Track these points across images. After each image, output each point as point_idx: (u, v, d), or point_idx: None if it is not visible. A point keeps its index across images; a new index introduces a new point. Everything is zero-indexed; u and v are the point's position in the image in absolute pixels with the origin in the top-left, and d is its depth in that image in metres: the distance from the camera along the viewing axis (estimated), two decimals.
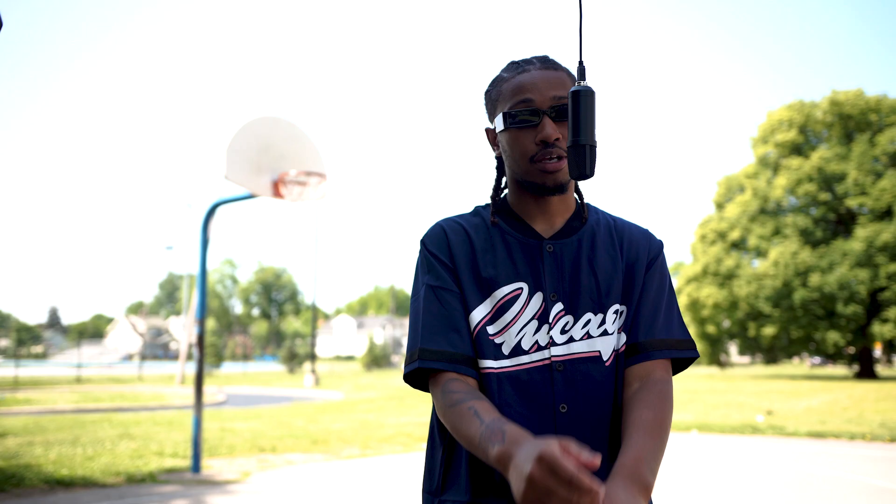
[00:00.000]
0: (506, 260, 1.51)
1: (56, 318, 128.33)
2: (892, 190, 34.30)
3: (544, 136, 1.45)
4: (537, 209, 1.55)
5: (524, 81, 1.50)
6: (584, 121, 1.30)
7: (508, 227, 1.55)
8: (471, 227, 1.56)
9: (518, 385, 1.45)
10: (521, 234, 1.54)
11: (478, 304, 1.49)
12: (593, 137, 1.31)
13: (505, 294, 1.49)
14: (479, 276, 1.50)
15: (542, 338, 1.47)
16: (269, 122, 8.18)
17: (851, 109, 37.11)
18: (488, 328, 1.48)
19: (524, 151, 1.49)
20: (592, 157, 1.31)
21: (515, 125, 1.49)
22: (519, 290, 1.49)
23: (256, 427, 12.95)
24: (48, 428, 12.53)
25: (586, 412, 1.45)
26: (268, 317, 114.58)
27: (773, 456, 9.66)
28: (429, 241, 1.55)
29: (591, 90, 1.31)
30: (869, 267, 34.02)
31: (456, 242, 1.53)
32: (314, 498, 7.14)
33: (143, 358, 77.73)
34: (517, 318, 1.48)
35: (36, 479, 7.47)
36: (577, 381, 1.46)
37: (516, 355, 1.46)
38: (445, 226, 1.57)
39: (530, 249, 1.52)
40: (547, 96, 1.48)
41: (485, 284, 1.50)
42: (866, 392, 23.36)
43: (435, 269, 1.52)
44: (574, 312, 1.49)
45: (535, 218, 1.55)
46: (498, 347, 1.47)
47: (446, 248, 1.53)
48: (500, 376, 1.46)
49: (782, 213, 39.00)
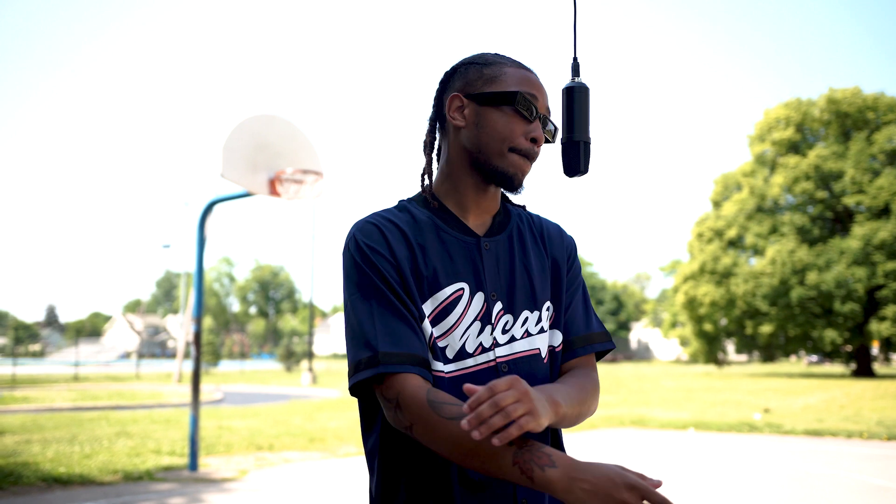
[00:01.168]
0: (444, 258, 1.45)
1: (53, 316, 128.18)
2: (889, 188, 34.35)
3: (536, 136, 1.44)
4: (475, 203, 1.50)
5: (533, 80, 1.47)
6: (578, 117, 1.30)
7: (442, 222, 1.48)
8: (403, 223, 1.47)
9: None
10: (457, 231, 1.48)
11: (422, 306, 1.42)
12: (587, 134, 1.31)
13: (448, 295, 1.43)
14: (419, 276, 1.43)
15: (485, 339, 1.44)
16: (265, 120, 8.17)
17: (849, 107, 37.14)
18: (433, 329, 1.42)
19: (507, 136, 1.43)
20: (587, 153, 1.31)
21: (521, 108, 1.43)
22: (461, 290, 1.44)
23: (254, 425, 12.95)
24: (46, 426, 12.52)
25: None
26: (265, 315, 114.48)
27: (771, 454, 9.68)
28: (364, 242, 1.43)
29: (585, 87, 1.32)
30: (866, 265, 34.07)
31: (394, 242, 1.43)
32: (311, 496, 7.15)
33: (141, 356, 77.64)
34: (461, 320, 1.43)
35: (33, 477, 7.47)
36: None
37: (461, 359, 1.42)
38: (378, 223, 1.45)
39: (468, 247, 1.48)
40: (545, 104, 1.47)
41: (426, 285, 1.43)
42: (863, 390, 23.39)
43: (375, 269, 1.40)
44: (513, 311, 1.48)
45: (468, 212, 1.50)
46: (442, 351, 1.41)
47: (385, 247, 1.42)
48: (449, 381, 1.40)
49: (779, 212, 39.05)
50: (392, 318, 1.38)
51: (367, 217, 1.48)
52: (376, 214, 1.49)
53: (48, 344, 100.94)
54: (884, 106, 36.94)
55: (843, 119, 37.91)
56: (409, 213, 1.49)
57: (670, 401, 18.74)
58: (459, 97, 1.48)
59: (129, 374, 39.62)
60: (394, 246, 1.43)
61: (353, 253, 1.43)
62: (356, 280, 1.42)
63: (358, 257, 1.42)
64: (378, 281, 1.40)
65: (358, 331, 1.39)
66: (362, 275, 1.41)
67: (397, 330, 1.37)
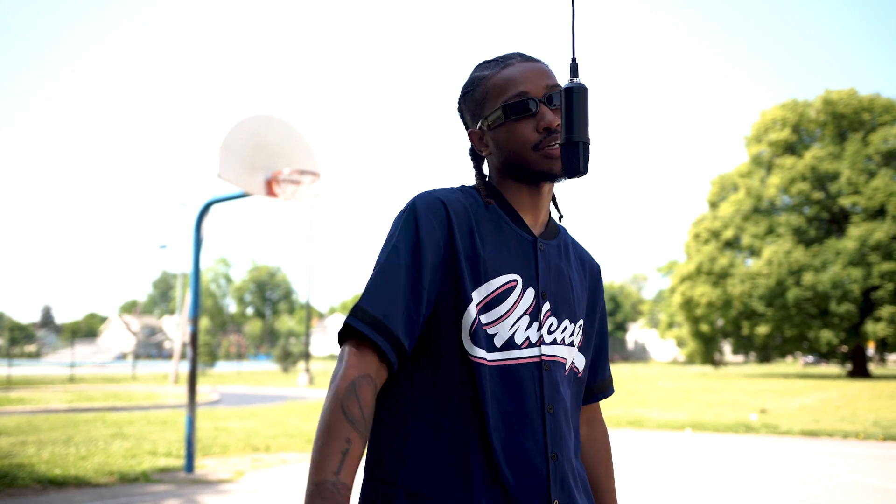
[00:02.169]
0: (502, 248, 1.45)
1: (49, 317, 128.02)
2: (884, 189, 34.44)
3: (547, 123, 1.43)
4: (529, 201, 1.50)
5: (514, 74, 1.47)
6: (577, 118, 1.29)
7: (505, 215, 1.49)
8: (469, 204, 1.46)
9: (508, 380, 1.40)
10: (516, 226, 1.49)
11: (472, 291, 1.40)
12: (587, 134, 1.30)
13: (500, 284, 1.42)
14: (475, 259, 1.41)
15: (533, 334, 1.44)
16: (262, 120, 8.16)
17: (845, 109, 37.24)
18: (481, 317, 1.40)
19: (525, 141, 1.44)
20: (586, 154, 1.30)
21: (514, 115, 1.44)
22: (514, 281, 1.44)
23: (250, 426, 12.93)
24: (41, 427, 12.49)
25: (564, 417, 1.46)
26: (262, 316, 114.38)
27: (767, 454, 9.69)
28: (424, 209, 1.41)
29: (584, 87, 1.31)
30: (862, 266, 34.15)
31: (456, 221, 1.42)
32: None
33: (137, 357, 77.60)
34: (512, 311, 1.42)
35: (29, 479, 7.45)
36: (558, 383, 1.46)
37: (508, 349, 1.41)
38: (444, 199, 1.43)
39: (525, 244, 1.48)
40: (540, 86, 1.45)
41: (480, 270, 1.41)
42: (859, 391, 23.44)
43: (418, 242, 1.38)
44: (557, 315, 1.48)
45: (525, 210, 1.51)
46: (490, 339, 1.40)
47: (445, 225, 1.41)
48: (492, 369, 1.39)
49: (776, 212, 39.14)
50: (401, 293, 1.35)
51: (434, 190, 1.47)
52: (443, 189, 1.48)
53: (44, 345, 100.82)
54: (879, 107, 37.06)
55: (839, 120, 38.02)
56: (472, 197, 1.48)
57: (667, 401, 18.76)
58: (476, 132, 1.53)
59: (126, 376, 39.55)
60: (456, 225, 1.41)
61: (408, 212, 1.42)
62: (398, 238, 1.39)
63: (408, 221, 1.40)
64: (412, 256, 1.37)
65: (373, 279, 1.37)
66: (404, 239, 1.39)
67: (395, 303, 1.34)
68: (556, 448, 1.41)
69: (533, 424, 1.39)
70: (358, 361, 1.30)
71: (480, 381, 1.37)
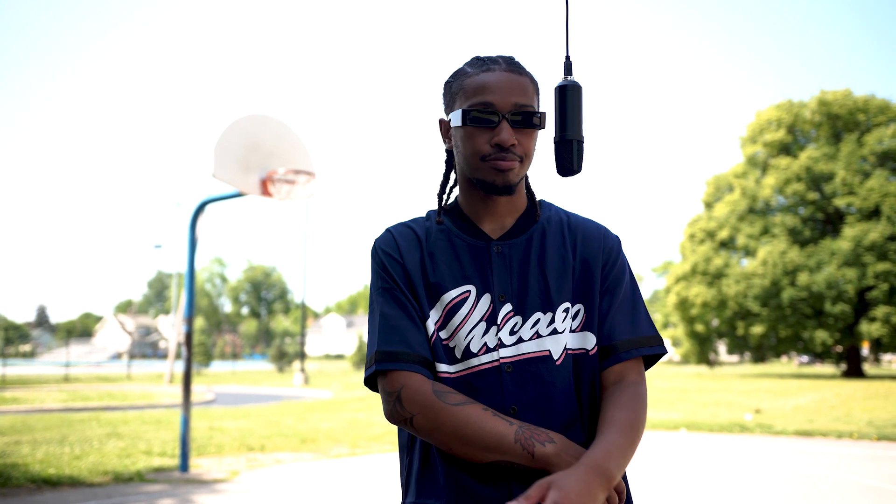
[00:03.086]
0: (453, 262, 1.52)
1: (44, 316, 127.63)
2: (879, 190, 34.51)
3: (500, 140, 1.44)
4: (485, 209, 1.54)
5: (487, 81, 1.47)
6: (570, 116, 1.29)
7: (456, 228, 1.56)
8: (421, 231, 1.57)
9: (469, 389, 1.46)
10: (468, 236, 1.54)
11: (430, 310, 1.50)
12: (580, 132, 1.30)
13: (453, 297, 1.50)
14: (427, 281, 1.51)
15: (490, 340, 1.48)
16: (257, 120, 8.15)
17: (840, 109, 37.31)
18: (441, 333, 1.49)
19: (476, 150, 1.47)
20: (580, 152, 1.31)
21: (473, 124, 1.47)
22: (466, 292, 1.50)
23: (245, 426, 12.91)
24: (35, 427, 12.46)
25: (536, 412, 1.46)
26: (257, 315, 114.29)
27: (762, 454, 9.70)
28: (381, 248, 1.56)
29: (577, 85, 1.31)
30: (857, 266, 34.21)
31: (406, 248, 1.54)
32: (303, 497, 7.13)
33: (132, 357, 77.35)
34: (465, 321, 1.48)
35: (23, 479, 7.42)
36: (527, 381, 1.46)
37: (466, 359, 1.48)
38: (395, 232, 1.58)
39: (478, 251, 1.53)
40: (508, 101, 1.46)
41: (433, 289, 1.51)
42: (854, 391, 23.49)
43: (388, 274, 1.53)
44: (523, 313, 1.49)
45: (482, 218, 1.55)
46: (451, 351, 1.49)
47: (397, 254, 1.54)
48: (455, 381, 1.47)
49: (771, 213, 39.18)
50: (401, 318, 1.48)
51: (392, 226, 1.60)
52: (400, 223, 1.61)
53: (38, 344, 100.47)
54: (874, 108, 37.12)
55: (834, 121, 38.09)
56: (429, 221, 1.59)
57: (662, 401, 18.78)
58: (443, 122, 1.60)
59: (120, 375, 39.48)
60: (405, 254, 1.54)
61: (372, 258, 1.58)
62: (374, 282, 1.56)
63: (375, 262, 1.56)
64: (390, 283, 1.52)
65: (371, 329, 1.52)
66: (377, 278, 1.55)
67: (403, 329, 1.47)
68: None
69: None
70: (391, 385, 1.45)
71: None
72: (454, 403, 1.39)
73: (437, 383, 1.44)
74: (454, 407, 1.39)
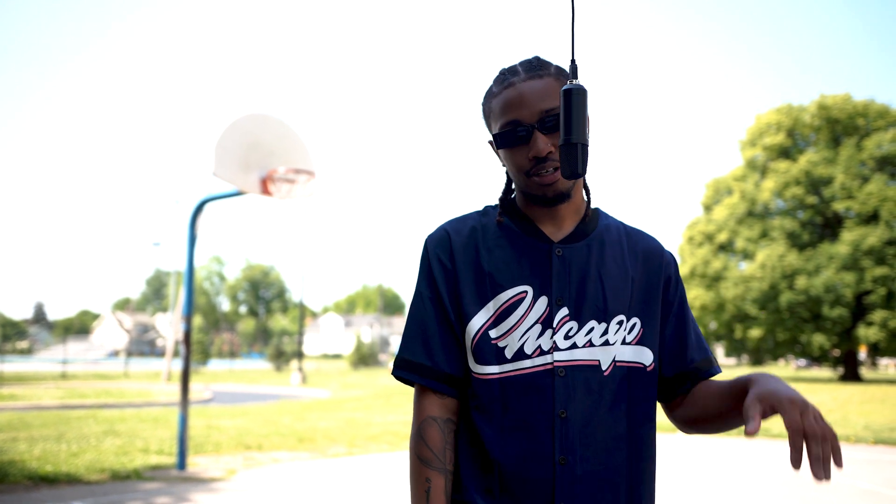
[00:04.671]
0: (511, 261, 1.50)
1: (42, 313, 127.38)
2: (878, 194, 34.53)
3: (536, 153, 1.44)
4: (546, 214, 1.53)
5: (510, 98, 1.47)
6: (575, 119, 1.29)
7: (517, 228, 1.53)
8: (479, 226, 1.55)
9: (519, 389, 1.44)
10: (529, 237, 1.52)
11: (479, 309, 1.48)
12: (585, 136, 1.30)
13: (509, 297, 1.47)
14: (482, 278, 1.49)
15: (545, 342, 1.45)
16: (257, 119, 8.16)
17: (839, 114, 37.33)
18: (490, 332, 1.47)
19: (519, 167, 1.48)
20: (584, 155, 1.30)
21: (507, 146, 1.48)
22: (523, 293, 1.47)
23: (243, 425, 12.91)
24: (33, 424, 12.45)
25: (582, 419, 1.44)
26: (255, 314, 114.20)
27: (759, 458, 9.71)
28: (431, 245, 1.55)
29: (583, 89, 1.30)
30: (855, 270, 34.23)
31: (459, 245, 1.52)
32: (300, 496, 7.13)
33: (130, 354, 77.18)
34: (521, 322, 1.46)
35: (20, 476, 7.42)
36: (576, 387, 1.45)
37: (519, 359, 1.45)
38: (450, 228, 1.55)
39: (538, 252, 1.50)
40: (535, 110, 1.45)
41: (488, 287, 1.48)
42: (851, 394, 23.51)
43: (431, 276, 1.52)
44: (578, 319, 1.47)
45: (543, 221, 1.53)
46: (501, 351, 1.46)
47: (448, 253, 1.52)
48: (503, 381, 1.45)
49: (769, 216, 39.20)
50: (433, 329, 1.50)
51: (447, 222, 1.58)
52: (455, 219, 1.59)
53: (36, 341, 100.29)
54: (874, 112, 37.15)
55: (833, 125, 38.11)
56: (489, 217, 1.57)
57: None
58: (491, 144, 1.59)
59: (118, 373, 39.45)
60: (457, 252, 1.52)
61: (422, 256, 1.57)
62: (419, 281, 1.55)
63: (423, 261, 1.56)
64: (433, 290, 1.52)
65: (406, 328, 1.54)
66: (423, 279, 1.54)
67: (432, 341, 1.49)
68: (566, 452, 1.41)
69: (537, 430, 1.43)
70: (420, 407, 1.49)
71: (492, 394, 1.46)
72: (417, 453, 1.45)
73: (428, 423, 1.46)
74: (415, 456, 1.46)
